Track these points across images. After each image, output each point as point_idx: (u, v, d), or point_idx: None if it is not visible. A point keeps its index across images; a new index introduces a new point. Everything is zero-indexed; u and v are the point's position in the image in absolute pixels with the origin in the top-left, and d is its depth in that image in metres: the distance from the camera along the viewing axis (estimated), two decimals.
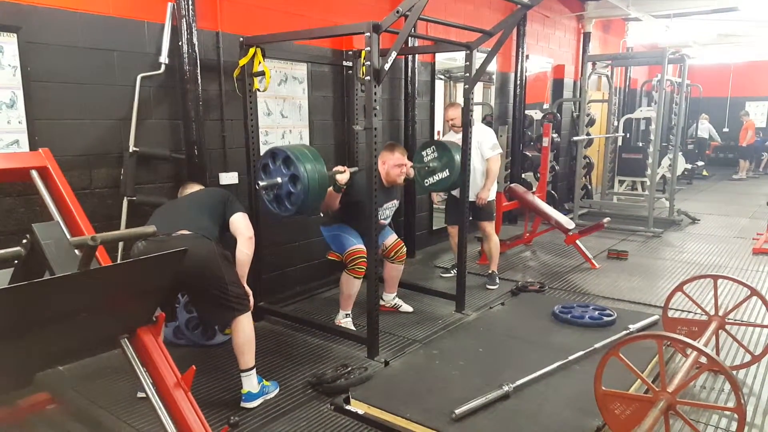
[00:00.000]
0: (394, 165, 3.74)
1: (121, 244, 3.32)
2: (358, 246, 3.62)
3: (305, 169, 3.09)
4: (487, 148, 4.63)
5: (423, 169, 4.29)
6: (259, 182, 3.20)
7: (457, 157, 4.11)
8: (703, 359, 2.41)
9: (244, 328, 2.76)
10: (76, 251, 1.92)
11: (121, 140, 3.34)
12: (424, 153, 4.35)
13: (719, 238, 6.68)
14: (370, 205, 3.13)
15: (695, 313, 3.84)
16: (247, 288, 2.84)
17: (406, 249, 4.08)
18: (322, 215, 3.85)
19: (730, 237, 6.72)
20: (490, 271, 4.85)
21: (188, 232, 2.69)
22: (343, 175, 3.40)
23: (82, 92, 3.17)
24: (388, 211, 3.88)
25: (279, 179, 3.19)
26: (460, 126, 4.45)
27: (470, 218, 4.62)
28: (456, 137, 4.51)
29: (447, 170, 4.21)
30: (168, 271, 2.03)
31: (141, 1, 3.36)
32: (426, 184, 4.41)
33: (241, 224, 2.88)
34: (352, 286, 3.70)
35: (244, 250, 2.85)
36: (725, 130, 14.38)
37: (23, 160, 2.48)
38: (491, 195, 4.74)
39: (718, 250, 6.06)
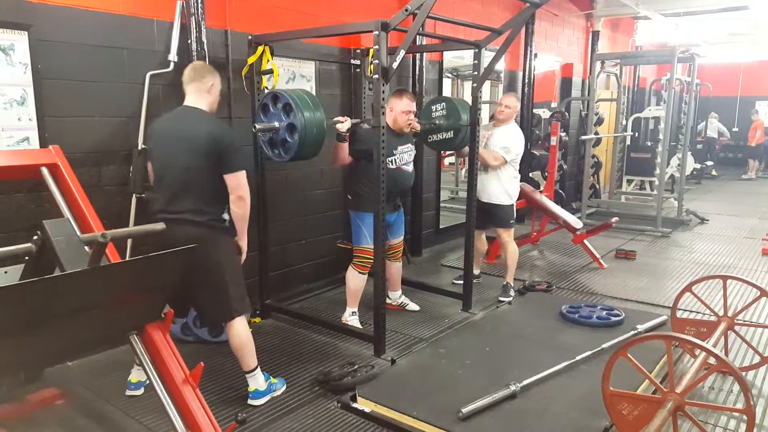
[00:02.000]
0: (401, 111, 3.66)
1: (129, 241, 3.34)
2: (369, 246, 3.60)
3: (303, 118, 3.06)
4: (499, 146, 4.33)
5: (429, 123, 4.16)
6: (256, 125, 3.19)
7: (464, 117, 3.97)
8: (712, 360, 2.40)
9: (240, 332, 2.75)
10: (86, 248, 1.93)
11: (130, 138, 3.35)
12: (433, 107, 4.22)
13: (728, 238, 6.64)
14: (377, 200, 3.12)
15: (704, 314, 3.81)
16: (244, 244, 2.82)
17: (404, 246, 4.11)
18: (349, 197, 3.73)
19: (740, 237, 6.67)
20: (505, 282, 4.53)
21: (189, 218, 2.61)
22: (343, 125, 3.37)
23: (92, 90, 3.18)
24: (406, 155, 3.76)
25: (276, 123, 3.18)
26: (503, 120, 4.37)
27: (490, 222, 4.50)
28: (493, 130, 4.40)
29: (452, 132, 4.11)
30: (176, 268, 2.04)
31: None
32: (429, 140, 4.30)
33: (231, 183, 2.69)
34: (356, 280, 3.71)
35: (235, 209, 2.72)
36: (735, 129, 14.26)
37: (34, 157, 2.50)
38: (507, 199, 4.45)
39: (727, 251, 6.02)
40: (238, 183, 2.67)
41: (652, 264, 5.52)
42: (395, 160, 3.63)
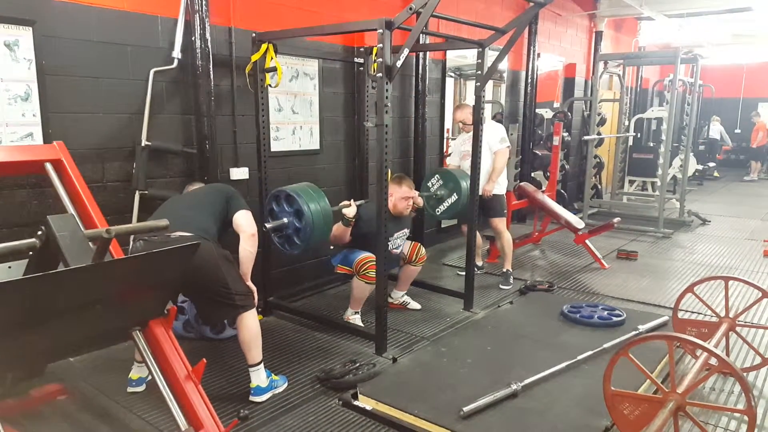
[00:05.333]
0: (401, 198, 3.76)
1: (132, 237, 3.34)
2: (366, 253, 3.62)
3: (308, 205, 3.18)
4: (495, 141, 4.63)
5: (432, 198, 4.40)
6: (266, 225, 3.29)
7: (463, 183, 4.20)
8: (714, 361, 2.40)
9: (250, 325, 2.77)
10: (90, 244, 1.94)
11: (134, 134, 3.36)
12: (429, 184, 4.46)
13: (730, 239, 6.63)
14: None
15: (705, 315, 3.81)
16: (251, 285, 2.84)
17: (424, 249, 4.11)
18: (332, 248, 3.87)
19: (741, 239, 6.67)
20: (504, 270, 4.79)
21: (187, 234, 2.65)
22: (349, 209, 3.47)
23: (96, 86, 3.19)
24: (399, 240, 3.90)
25: (285, 219, 3.27)
26: (471, 125, 4.47)
27: (481, 215, 4.63)
28: (467, 137, 4.51)
29: (455, 194, 4.31)
30: (180, 265, 2.05)
31: None
32: (437, 213, 4.49)
33: (242, 221, 2.83)
34: (363, 290, 3.70)
35: (247, 247, 2.80)
36: (737, 131, 14.24)
37: (38, 153, 2.50)
38: (499, 189, 4.72)
39: (728, 252, 6.02)
40: (251, 221, 2.81)
41: (653, 264, 5.52)
42: (389, 245, 3.65)
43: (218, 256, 2.68)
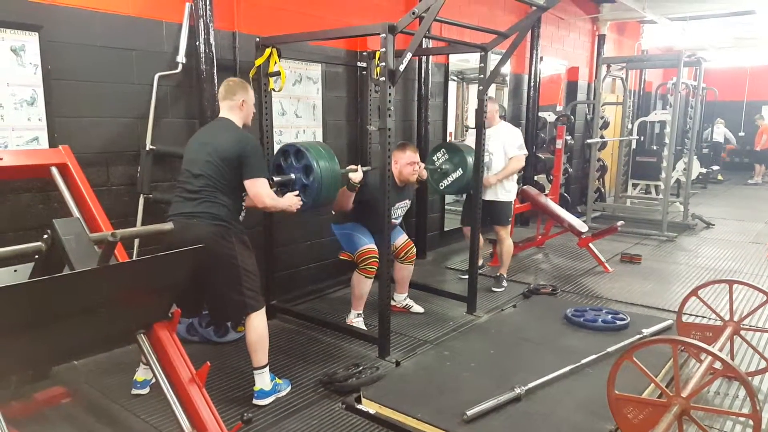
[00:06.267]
0: (406, 164, 3.74)
1: (136, 240, 3.36)
2: (369, 246, 3.63)
3: (317, 162, 3.12)
4: (515, 147, 4.58)
5: (436, 172, 4.32)
6: (273, 178, 3.23)
7: (469, 158, 4.11)
8: (718, 365, 2.39)
9: (258, 326, 2.78)
10: (96, 247, 1.95)
11: (138, 138, 3.37)
12: (434, 157, 4.38)
13: (734, 243, 6.61)
14: (384, 205, 3.14)
15: (710, 319, 3.80)
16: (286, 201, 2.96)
17: (416, 249, 4.09)
18: (333, 213, 3.86)
19: (745, 242, 6.65)
20: (498, 273, 4.82)
21: (203, 223, 2.64)
22: (356, 174, 3.43)
23: (101, 91, 3.21)
24: (399, 210, 3.88)
25: (292, 175, 3.24)
26: (492, 119, 4.45)
27: (488, 220, 4.61)
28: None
29: (460, 169, 4.22)
30: (185, 268, 2.06)
31: (159, 1, 3.40)
32: (441, 188, 4.43)
33: (251, 191, 2.74)
34: (363, 285, 3.71)
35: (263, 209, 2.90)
36: (741, 134, 14.19)
37: (44, 157, 2.52)
38: (506, 196, 4.66)
39: (732, 255, 6.00)
40: (256, 191, 2.73)
41: (657, 268, 5.50)
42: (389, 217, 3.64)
43: (238, 243, 2.70)
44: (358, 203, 3.61)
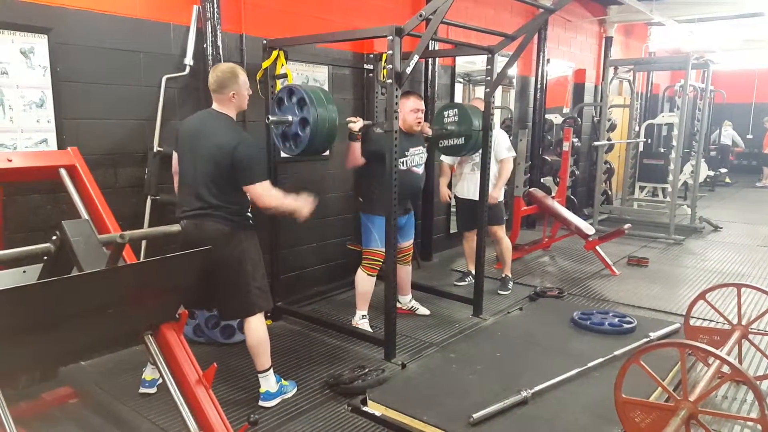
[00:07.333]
0: (409, 110, 3.69)
1: (144, 242, 3.37)
2: (379, 249, 3.63)
3: (317, 114, 3.14)
4: (503, 148, 4.57)
5: (441, 129, 4.23)
6: (270, 116, 3.25)
7: (474, 133, 4.03)
8: (726, 369, 2.38)
9: (256, 330, 2.78)
10: (104, 248, 1.96)
11: (146, 140, 3.39)
12: (445, 113, 4.27)
13: (742, 246, 6.57)
14: (390, 200, 3.13)
15: (717, 322, 3.78)
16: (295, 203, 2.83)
17: (413, 251, 4.12)
18: (360, 200, 3.79)
19: (754, 245, 6.60)
20: (503, 275, 4.80)
21: (212, 213, 2.64)
22: (355, 124, 3.44)
23: (109, 92, 3.23)
24: (417, 157, 3.79)
25: (290, 117, 3.27)
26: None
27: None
28: None
29: (462, 139, 4.15)
30: (193, 269, 2.06)
31: (167, 3, 3.42)
32: (440, 145, 4.35)
33: (251, 195, 2.70)
34: (365, 282, 3.73)
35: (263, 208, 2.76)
36: (749, 136, 14.08)
37: (52, 159, 2.53)
38: (501, 196, 4.66)
39: (740, 259, 5.96)
40: (257, 193, 2.67)
41: (664, 271, 5.48)
42: (406, 161, 3.65)
43: (243, 247, 2.70)
44: (368, 157, 3.55)
